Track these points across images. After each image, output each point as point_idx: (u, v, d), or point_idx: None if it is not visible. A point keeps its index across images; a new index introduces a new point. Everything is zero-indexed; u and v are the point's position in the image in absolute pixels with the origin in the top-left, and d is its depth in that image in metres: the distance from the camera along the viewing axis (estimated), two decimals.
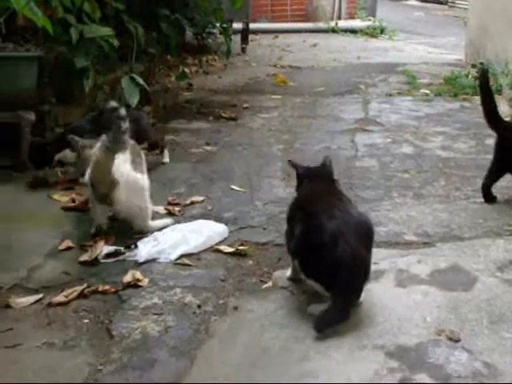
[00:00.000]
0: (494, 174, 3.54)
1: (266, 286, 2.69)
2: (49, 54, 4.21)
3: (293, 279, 2.66)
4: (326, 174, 2.73)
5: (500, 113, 3.58)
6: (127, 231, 3.20)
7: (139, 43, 4.87)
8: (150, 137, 4.27)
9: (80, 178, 3.65)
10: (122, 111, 3.08)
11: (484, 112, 3.51)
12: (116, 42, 4.33)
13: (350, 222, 2.39)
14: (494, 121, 3.49)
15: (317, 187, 2.64)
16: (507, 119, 3.78)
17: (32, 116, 4.01)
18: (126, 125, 3.07)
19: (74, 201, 3.55)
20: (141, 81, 4.40)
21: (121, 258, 2.91)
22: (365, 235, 2.42)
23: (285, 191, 3.79)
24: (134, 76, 4.39)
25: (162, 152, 4.37)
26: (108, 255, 2.92)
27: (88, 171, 3.13)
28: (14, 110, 3.98)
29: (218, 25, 6.34)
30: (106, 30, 4.28)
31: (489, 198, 3.55)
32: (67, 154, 3.81)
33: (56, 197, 3.61)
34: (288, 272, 2.69)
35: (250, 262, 2.92)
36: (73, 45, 4.15)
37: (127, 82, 4.30)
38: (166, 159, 4.35)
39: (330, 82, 7.09)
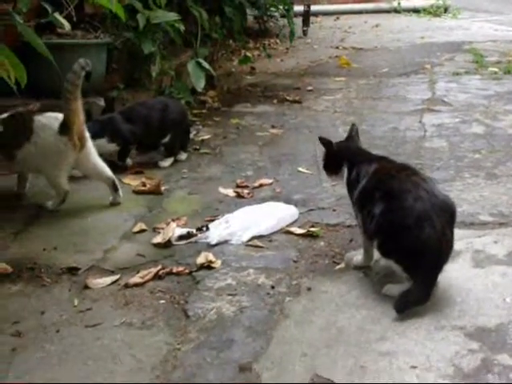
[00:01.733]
0: None
1: (338, 267, 2.67)
2: (117, 40, 4.27)
3: (362, 267, 2.63)
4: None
5: None
6: (197, 214, 3.24)
7: (203, 28, 4.90)
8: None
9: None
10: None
11: None
12: (182, 27, 4.35)
13: (435, 203, 2.33)
14: None
15: (389, 164, 2.58)
16: None
17: (102, 102, 4.09)
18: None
19: (144, 184, 3.60)
20: (206, 65, 4.43)
21: (193, 240, 2.94)
22: (449, 217, 2.37)
23: None
24: (200, 60, 4.43)
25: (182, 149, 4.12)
26: (180, 237, 2.95)
27: None
28: (85, 96, 4.05)
29: (280, 7, 6.30)
30: (172, 15, 4.31)
31: None
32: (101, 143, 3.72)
33: (126, 181, 3.67)
34: (358, 259, 2.65)
35: (322, 243, 2.90)
36: (140, 31, 4.20)
37: (193, 66, 4.34)
38: (164, 163, 4.02)
39: (394, 63, 6.98)
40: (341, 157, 2.69)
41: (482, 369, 1.97)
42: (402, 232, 2.31)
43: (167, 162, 4.00)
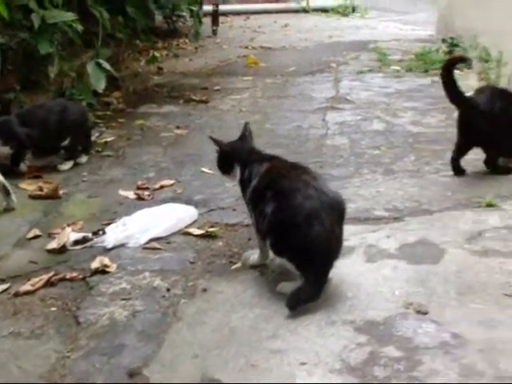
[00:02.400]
0: (461, 148, 3.54)
1: (235, 266, 2.67)
2: (11, 40, 4.13)
3: (258, 266, 2.63)
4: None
5: (469, 86, 3.57)
6: (95, 217, 3.18)
7: (105, 28, 4.81)
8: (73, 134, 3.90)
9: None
10: None
11: (445, 90, 3.50)
12: (80, 27, 4.26)
13: (325, 201, 2.35)
14: (454, 97, 3.48)
15: (280, 163, 2.60)
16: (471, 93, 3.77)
17: None
18: None
19: (41, 189, 3.50)
20: (107, 66, 4.36)
21: (89, 244, 2.89)
22: (338, 215, 2.40)
23: None
24: (100, 61, 4.35)
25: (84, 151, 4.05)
26: (76, 242, 2.89)
27: None
28: None
29: (184, 7, 6.27)
30: (69, 15, 4.21)
31: (458, 171, 3.55)
32: None
33: (23, 186, 3.57)
34: (254, 258, 2.65)
35: (220, 243, 2.90)
36: (35, 31, 4.08)
37: (93, 67, 4.26)
38: (64, 167, 3.92)
39: (301, 62, 7.06)
40: (233, 156, 2.69)
41: (369, 361, 2.01)
42: (292, 230, 2.33)
43: (67, 166, 3.91)
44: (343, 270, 2.50)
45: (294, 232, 2.33)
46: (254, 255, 2.66)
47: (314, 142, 4.32)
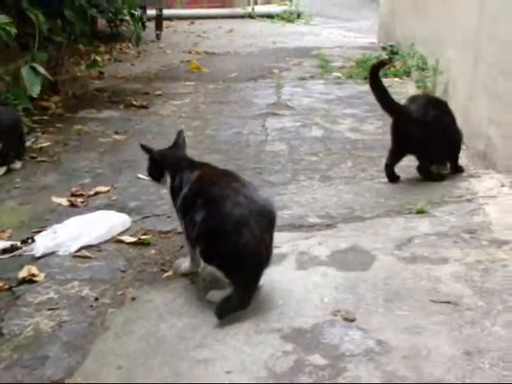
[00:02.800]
0: (394, 155, 3.60)
1: (166, 274, 2.65)
2: None
3: (189, 274, 2.61)
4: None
5: (407, 94, 3.63)
6: (25, 225, 3.11)
7: (41, 31, 4.71)
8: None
9: None
10: None
11: (376, 98, 3.55)
12: (14, 30, 4.16)
13: (254, 209, 2.35)
14: (387, 105, 3.54)
15: (211, 171, 2.59)
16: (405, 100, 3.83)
17: None
18: None
19: None
20: (42, 70, 4.27)
21: (17, 253, 2.82)
22: (268, 223, 2.40)
23: None
24: (35, 65, 4.27)
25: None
26: (4, 251, 2.82)
27: None
28: None
29: (126, 11, 6.21)
30: (3, 18, 4.11)
31: (392, 177, 3.60)
32: None
33: None
34: (185, 266, 2.63)
35: (153, 251, 2.87)
36: None
37: (27, 71, 4.18)
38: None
39: (244, 68, 7.07)
40: (163, 164, 2.66)
41: (295, 369, 2.02)
42: (221, 238, 2.32)
43: (0, 171, 3.82)
44: (274, 277, 2.51)
45: (223, 239, 2.32)
46: (185, 263, 2.64)
47: (253, 148, 4.33)
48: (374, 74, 3.54)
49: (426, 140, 3.46)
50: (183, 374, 2.00)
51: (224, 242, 2.31)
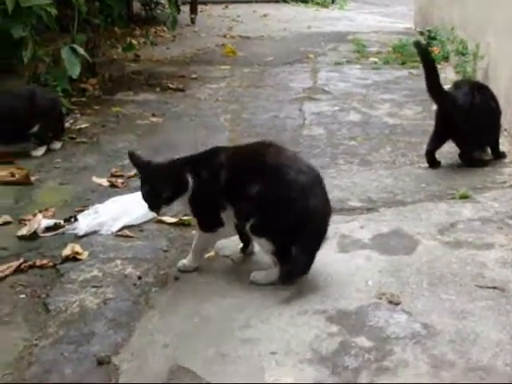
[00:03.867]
0: (436, 141, 3.56)
1: (208, 255, 2.65)
2: None
3: (188, 270, 2.53)
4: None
5: (446, 79, 3.59)
6: (67, 204, 3.14)
7: (80, 13, 4.74)
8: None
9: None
10: None
11: (426, 83, 3.50)
12: (54, 11, 4.19)
13: (311, 173, 2.39)
14: (434, 91, 3.49)
15: (236, 149, 2.58)
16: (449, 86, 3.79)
17: None
18: None
19: (13, 175, 3.45)
20: (82, 51, 4.30)
21: (60, 231, 2.85)
22: (323, 186, 2.43)
23: None
24: (75, 46, 4.29)
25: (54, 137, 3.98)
26: (47, 229, 2.85)
27: None
28: None
29: None
30: None
31: (433, 163, 3.56)
32: None
33: None
34: (188, 260, 2.54)
35: (193, 231, 2.85)
36: (9, 14, 4.00)
37: (67, 52, 4.20)
38: (37, 152, 3.88)
39: (279, 52, 7.04)
40: (181, 170, 2.45)
41: (340, 351, 2.01)
42: (285, 205, 2.31)
43: (40, 151, 3.86)
44: (316, 259, 2.49)
45: (288, 206, 2.31)
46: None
47: (290, 132, 4.31)
48: (427, 58, 3.51)
49: (472, 126, 3.41)
50: (228, 354, 2.00)
51: (289, 208, 2.31)
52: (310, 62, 6.52)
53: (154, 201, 2.45)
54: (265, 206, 2.34)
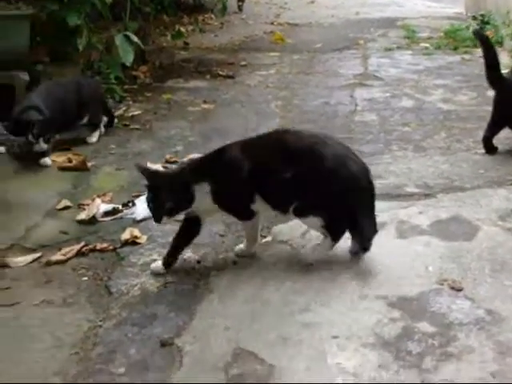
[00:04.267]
0: (494, 127, 3.50)
1: (265, 240, 2.65)
2: (41, 12, 4.12)
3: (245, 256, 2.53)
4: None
5: (501, 64, 3.52)
6: (124, 189, 3.18)
7: (132, 1, 4.78)
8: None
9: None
10: None
11: (486, 71, 3.44)
12: (108, 0, 4.23)
13: (339, 144, 2.48)
14: (493, 78, 3.43)
15: (243, 142, 2.50)
16: (507, 71, 3.71)
17: (26, 76, 3.95)
18: None
19: (70, 160, 3.51)
20: (135, 39, 4.33)
21: (118, 216, 2.89)
22: (358, 157, 2.50)
23: None
24: (129, 34, 4.32)
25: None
26: (106, 213, 2.89)
27: None
28: (7, 70, 3.92)
29: None
30: None
31: (490, 149, 3.50)
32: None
33: (52, 157, 3.57)
34: (244, 245, 2.54)
35: None
36: (64, 2, 4.07)
37: (121, 39, 4.24)
38: (92, 139, 3.90)
39: (327, 39, 6.99)
40: (200, 174, 2.39)
41: (403, 336, 1.99)
42: (329, 178, 2.33)
43: (95, 137, 3.91)
44: (374, 244, 2.47)
45: (332, 179, 2.33)
46: (240, 247, 2.56)
47: (342, 118, 4.28)
48: (488, 44, 3.46)
49: None
50: (290, 338, 2.01)
51: (334, 180, 2.33)
52: (359, 48, 6.46)
53: (156, 211, 2.35)
54: (305, 188, 2.34)
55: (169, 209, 2.32)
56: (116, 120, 4.23)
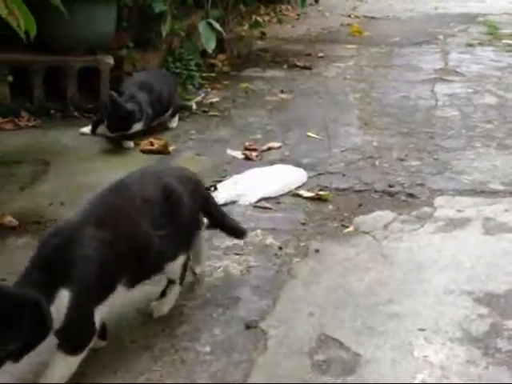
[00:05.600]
0: None
1: (347, 230, 2.64)
2: None
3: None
4: None
5: None
6: (205, 174, 3.21)
7: None
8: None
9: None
10: None
11: None
12: None
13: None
14: None
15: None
16: None
17: (111, 60, 4.03)
18: None
19: (152, 144, 3.56)
20: (217, 26, 4.37)
21: None
22: None
23: (362, 139, 3.73)
24: (211, 21, 4.36)
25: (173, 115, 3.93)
26: None
27: None
28: (93, 53, 4.01)
29: None
30: None
31: None
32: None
33: (135, 140, 3.63)
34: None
35: (330, 206, 2.87)
36: None
37: (204, 26, 4.28)
38: (173, 124, 3.95)
39: (406, 32, 6.90)
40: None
41: (492, 333, 1.96)
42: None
43: (175, 122, 3.96)
44: (460, 240, 2.44)
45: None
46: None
47: (422, 113, 4.22)
48: None
49: None
50: (375, 328, 1.99)
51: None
52: (439, 43, 6.35)
53: None
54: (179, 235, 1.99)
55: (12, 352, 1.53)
56: (195, 106, 4.28)
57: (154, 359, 1.88)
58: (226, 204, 2.86)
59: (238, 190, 2.95)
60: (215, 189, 2.96)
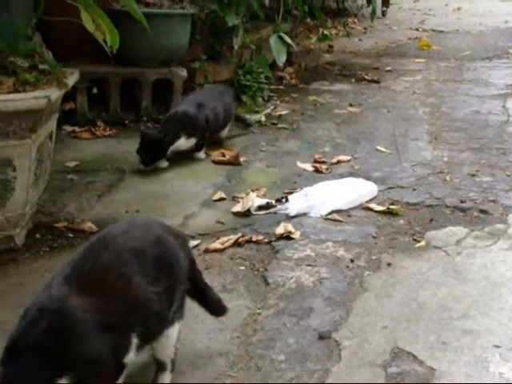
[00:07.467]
0: None
1: (419, 245, 2.64)
2: (201, 11, 4.29)
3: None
4: None
5: None
6: (276, 186, 3.26)
7: (286, 3, 4.87)
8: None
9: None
10: None
11: None
12: (266, 1, 4.35)
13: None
14: None
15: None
16: None
17: (184, 72, 4.13)
18: None
19: (223, 155, 3.63)
20: (288, 40, 4.41)
21: (272, 210, 2.96)
22: None
23: (432, 154, 3.71)
24: (282, 35, 4.40)
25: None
26: (260, 207, 2.97)
27: None
28: (167, 66, 4.12)
29: None
30: None
31: None
32: (181, 143, 3.54)
33: (206, 151, 3.71)
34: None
35: (401, 221, 2.88)
36: (224, 3, 4.22)
37: (275, 40, 4.32)
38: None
39: (476, 46, 6.83)
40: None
41: None
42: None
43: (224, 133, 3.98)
44: None
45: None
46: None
47: (493, 129, 4.18)
48: None
49: None
50: (450, 343, 1.99)
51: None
52: (510, 58, 6.27)
53: None
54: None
55: None
56: (264, 118, 4.34)
57: (230, 365, 1.92)
58: (296, 216, 2.90)
59: (309, 201, 2.98)
60: (286, 200, 3.00)
